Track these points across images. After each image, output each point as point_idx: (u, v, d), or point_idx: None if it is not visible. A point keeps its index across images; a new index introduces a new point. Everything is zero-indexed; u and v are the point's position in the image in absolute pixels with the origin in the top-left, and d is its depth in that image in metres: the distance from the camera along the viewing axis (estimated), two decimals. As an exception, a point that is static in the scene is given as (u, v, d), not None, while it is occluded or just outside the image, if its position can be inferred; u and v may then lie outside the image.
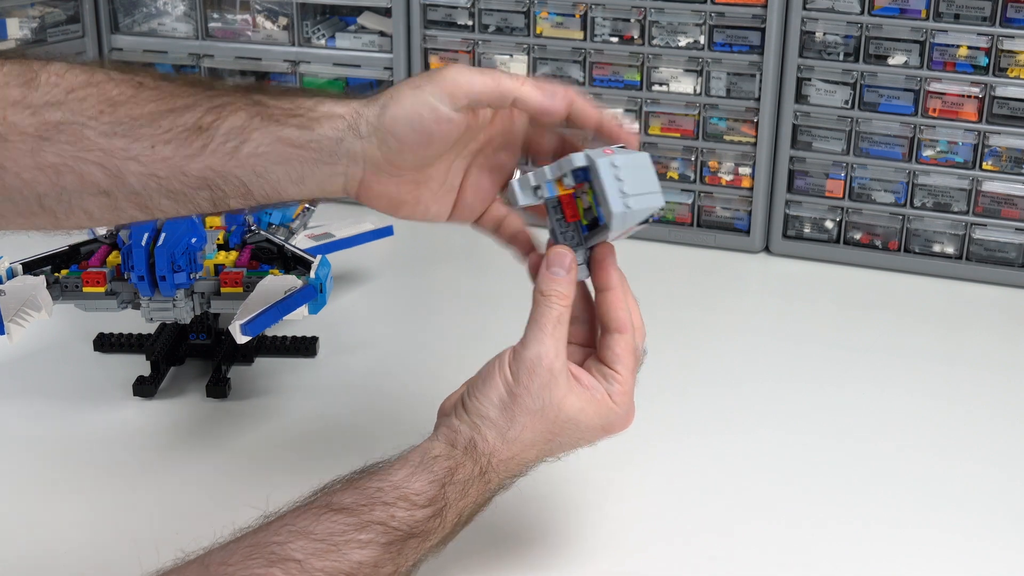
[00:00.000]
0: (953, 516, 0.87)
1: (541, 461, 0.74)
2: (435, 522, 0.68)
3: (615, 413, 0.73)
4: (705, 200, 1.39)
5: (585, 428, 0.73)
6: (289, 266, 1.02)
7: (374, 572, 0.65)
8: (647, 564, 0.81)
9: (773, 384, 1.07)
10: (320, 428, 0.97)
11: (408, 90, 0.70)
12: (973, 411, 1.03)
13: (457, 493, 0.70)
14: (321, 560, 0.64)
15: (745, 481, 0.92)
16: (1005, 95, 1.25)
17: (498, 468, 0.71)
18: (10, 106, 0.72)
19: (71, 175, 0.74)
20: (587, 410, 0.72)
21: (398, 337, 1.15)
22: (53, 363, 1.08)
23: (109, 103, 0.73)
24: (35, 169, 0.74)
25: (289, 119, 0.70)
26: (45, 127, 0.73)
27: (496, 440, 0.71)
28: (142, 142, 0.73)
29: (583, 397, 0.72)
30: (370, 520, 0.66)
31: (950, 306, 1.27)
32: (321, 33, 1.49)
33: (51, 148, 0.73)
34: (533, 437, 0.72)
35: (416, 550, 0.68)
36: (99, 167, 0.74)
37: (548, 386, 0.71)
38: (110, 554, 0.80)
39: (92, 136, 0.73)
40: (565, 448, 0.74)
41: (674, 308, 1.23)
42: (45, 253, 1.00)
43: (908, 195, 1.32)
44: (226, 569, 0.62)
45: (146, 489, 0.90)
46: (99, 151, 0.73)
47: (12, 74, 0.73)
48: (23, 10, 1.48)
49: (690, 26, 1.33)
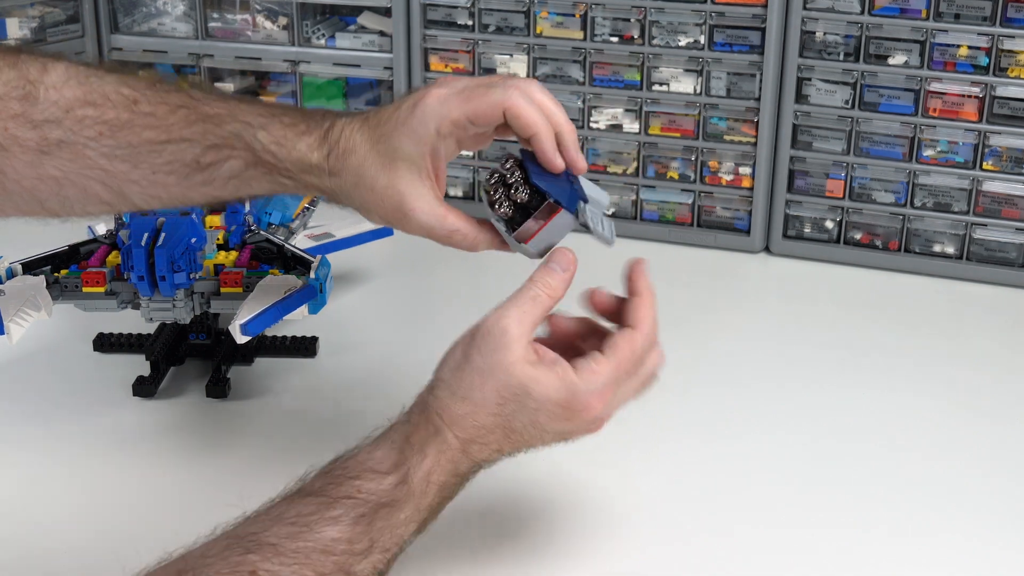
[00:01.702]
0: (953, 516, 0.87)
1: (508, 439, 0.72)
2: (402, 489, 0.68)
3: (576, 390, 0.70)
4: (705, 200, 1.39)
5: (540, 400, 0.70)
6: (289, 266, 1.02)
7: (349, 548, 0.65)
8: (647, 564, 0.81)
9: (773, 384, 1.07)
10: (320, 428, 0.97)
11: (377, 174, 0.74)
12: (973, 411, 1.03)
13: (416, 455, 0.69)
14: (295, 541, 0.64)
15: (745, 481, 0.92)
16: (1005, 95, 1.25)
17: (452, 426, 0.70)
18: (11, 119, 0.73)
19: (73, 188, 0.76)
20: (541, 380, 0.70)
21: (398, 337, 1.15)
22: (53, 363, 1.08)
23: (108, 126, 0.75)
24: (36, 179, 0.75)
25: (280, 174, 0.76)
26: (46, 143, 0.74)
27: (446, 397, 0.71)
28: (142, 168, 0.76)
29: (539, 368, 0.70)
30: (338, 496, 0.67)
31: (950, 306, 1.27)
32: (321, 33, 1.49)
33: (52, 162, 0.75)
34: (482, 397, 0.70)
35: (388, 521, 0.67)
36: (101, 184, 0.76)
37: (499, 348, 0.70)
38: (110, 554, 0.80)
39: (93, 156, 0.75)
40: (521, 420, 0.71)
41: (674, 308, 1.22)
42: (45, 253, 1.00)
43: (908, 195, 1.32)
44: (205, 560, 0.62)
45: (146, 489, 0.90)
46: (100, 170, 0.76)
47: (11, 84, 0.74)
48: (23, 10, 1.48)
49: (690, 26, 1.33)
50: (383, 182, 0.74)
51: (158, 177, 0.76)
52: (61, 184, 0.75)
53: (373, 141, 0.74)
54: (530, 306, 0.72)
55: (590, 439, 0.75)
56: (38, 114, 0.73)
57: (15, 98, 0.73)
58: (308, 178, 0.76)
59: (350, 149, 0.74)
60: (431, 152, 0.74)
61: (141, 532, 0.82)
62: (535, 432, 0.72)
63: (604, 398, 0.71)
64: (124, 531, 0.84)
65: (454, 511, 0.74)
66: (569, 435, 0.74)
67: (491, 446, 0.72)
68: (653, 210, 1.41)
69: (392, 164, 0.73)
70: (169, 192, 0.77)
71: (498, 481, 0.86)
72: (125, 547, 0.69)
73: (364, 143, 0.74)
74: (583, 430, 0.73)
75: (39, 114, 0.73)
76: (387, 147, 0.73)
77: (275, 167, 0.75)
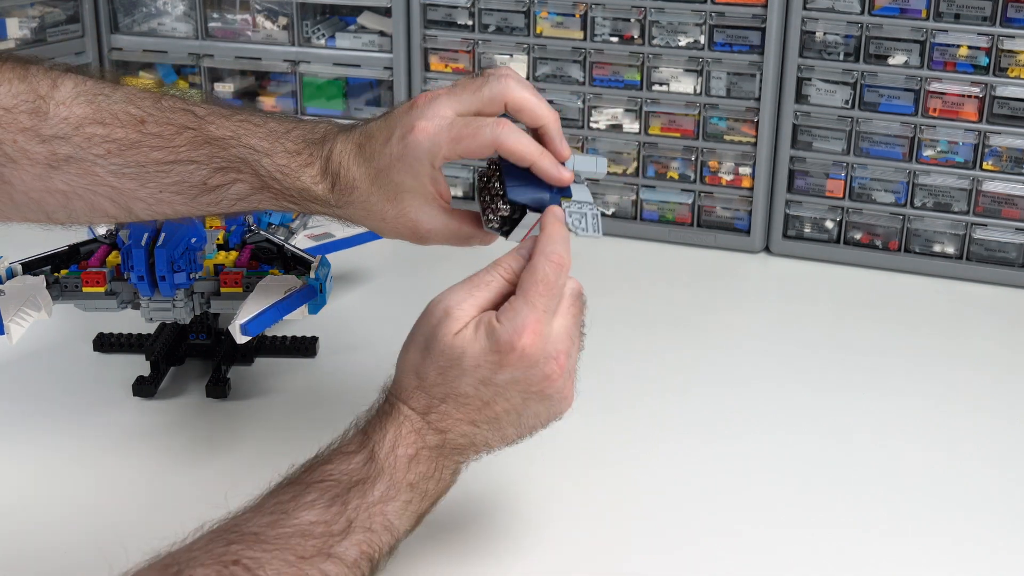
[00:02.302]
0: (954, 516, 0.87)
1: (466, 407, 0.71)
2: (371, 466, 0.69)
3: (498, 332, 0.69)
4: (705, 200, 1.39)
5: (474, 355, 0.69)
6: (289, 266, 1.02)
7: (327, 529, 0.66)
8: (647, 564, 0.81)
9: (773, 384, 1.07)
10: (320, 428, 0.97)
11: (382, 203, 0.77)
12: (973, 411, 1.03)
13: (378, 432, 0.71)
14: (275, 528, 0.65)
15: (745, 481, 0.91)
16: (1005, 95, 1.25)
17: (407, 400, 0.71)
18: (20, 132, 0.74)
19: (80, 202, 0.77)
20: (468, 336, 0.69)
21: (398, 337, 1.14)
22: (53, 363, 1.08)
23: (116, 144, 0.76)
24: (44, 191, 0.76)
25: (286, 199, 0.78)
26: (55, 158, 0.75)
27: (398, 374, 0.73)
28: (150, 187, 0.78)
29: (466, 329, 0.70)
30: (311, 481, 0.69)
31: (950, 306, 1.27)
32: (321, 33, 1.49)
33: (60, 176, 0.76)
34: (425, 370, 0.71)
35: (364, 499, 0.68)
36: (108, 200, 0.77)
37: (440, 325, 0.70)
38: (109, 553, 0.80)
39: (101, 173, 0.76)
40: (468, 383, 0.70)
41: (674, 308, 1.23)
42: (45, 253, 1.00)
43: (908, 195, 1.32)
44: (191, 555, 0.63)
45: (146, 489, 0.89)
46: (108, 187, 0.77)
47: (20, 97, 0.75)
48: (23, 10, 1.48)
49: (690, 26, 1.33)
50: (392, 213, 0.76)
51: (165, 196, 0.78)
52: (69, 198, 0.76)
53: (372, 177, 0.76)
54: (479, 291, 0.72)
55: (590, 440, 0.75)
56: (47, 129, 0.74)
57: (24, 112, 0.74)
58: (314, 207, 0.78)
59: (351, 185, 0.76)
60: (430, 179, 0.75)
61: (141, 532, 0.82)
62: (490, 391, 0.70)
63: (533, 331, 0.69)
64: (124, 531, 0.83)
65: (453, 510, 0.74)
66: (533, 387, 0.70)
67: (452, 415, 0.71)
68: (653, 210, 1.41)
69: (396, 197, 0.76)
70: (175, 210, 0.79)
71: (497, 480, 0.86)
72: (125, 546, 0.69)
73: (364, 179, 0.76)
74: (540, 376, 0.70)
75: (48, 129, 0.74)
76: (387, 182, 0.75)
77: (281, 193, 0.78)
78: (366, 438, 0.71)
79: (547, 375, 0.70)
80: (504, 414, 0.71)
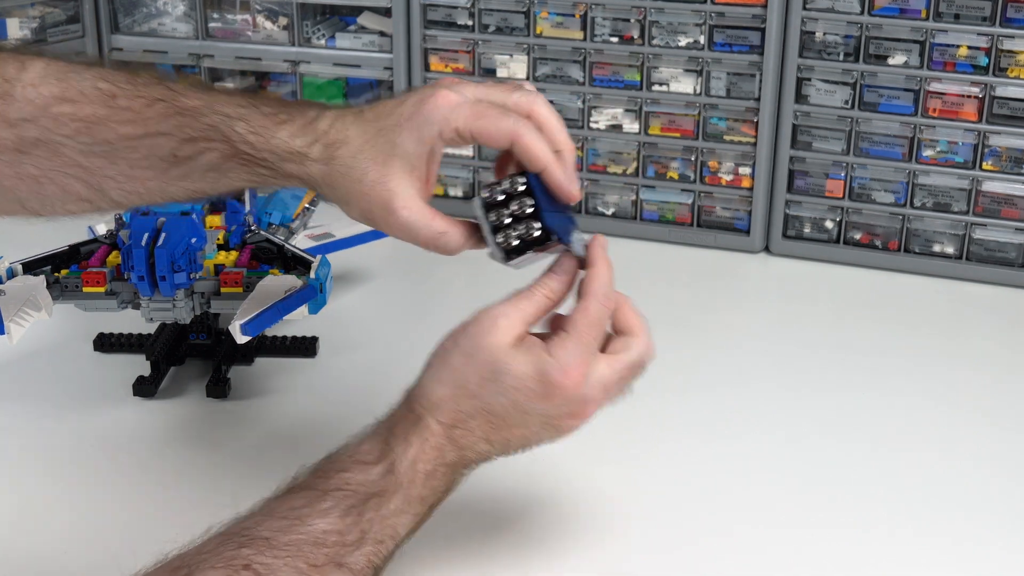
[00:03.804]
0: (954, 516, 0.87)
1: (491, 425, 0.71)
2: (389, 479, 0.69)
3: (547, 364, 0.70)
4: (705, 200, 1.39)
5: (517, 376, 0.70)
6: (289, 266, 1.02)
7: (340, 539, 0.66)
8: (647, 564, 0.81)
9: (773, 384, 1.07)
10: (320, 428, 0.97)
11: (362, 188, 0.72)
12: (973, 411, 1.03)
13: (401, 444, 0.70)
14: (287, 534, 0.64)
15: (745, 481, 0.92)
16: (1005, 95, 1.25)
17: (434, 412, 0.71)
18: None
19: (52, 186, 0.76)
20: (517, 358, 0.70)
21: (398, 337, 1.15)
22: (53, 363, 1.08)
23: (84, 123, 0.74)
24: (15, 178, 0.75)
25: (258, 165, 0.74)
26: (23, 142, 0.74)
27: (428, 383, 0.72)
28: (120, 164, 0.75)
29: (517, 348, 0.70)
30: (327, 489, 0.67)
31: (950, 306, 1.27)
32: (321, 33, 1.49)
33: (30, 161, 0.74)
34: (463, 379, 0.70)
35: (378, 511, 0.68)
36: (79, 181, 0.76)
37: (485, 333, 0.70)
38: (109, 553, 0.80)
39: (70, 153, 0.74)
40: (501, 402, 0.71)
41: (674, 308, 1.23)
42: (45, 253, 1.00)
43: (908, 195, 1.32)
44: (201, 557, 0.63)
45: (146, 489, 0.90)
46: (78, 167, 0.75)
47: None
48: (23, 10, 1.48)
49: (690, 26, 1.33)
50: (373, 176, 0.72)
51: (135, 172, 0.75)
52: (40, 183, 0.75)
53: (370, 134, 0.72)
54: (525, 303, 0.72)
55: (590, 440, 0.75)
56: (14, 113, 0.73)
57: None
58: (288, 167, 0.73)
59: (341, 140, 0.72)
60: (429, 153, 0.72)
61: (141, 532, 0.82)
62: (518, 416, 0.71)
63: (579, 372, 0.70)
64: (124, 531, 0.84)
65: (454, 510, 0.74)
66: (556, 421, 0.72)
67: (475, 432, 0.71)
68: (653, 210, 1.41)
69: (387, 159, 0.72)
70: (147, 187, 0.76)
71: (497, 481, 0.86)
72: (125, 547, 0.69)
73: (359, 136, 0.72)
74: (567, 413, 0.71)
75: (15, 113, 0.73)
76: (386, 141, 0.72)
77: (253, 158, 0.74)
78: (387, 448, 0.70)
79: (572, 413, 0.72)
80: (518, 438, 0.73)
